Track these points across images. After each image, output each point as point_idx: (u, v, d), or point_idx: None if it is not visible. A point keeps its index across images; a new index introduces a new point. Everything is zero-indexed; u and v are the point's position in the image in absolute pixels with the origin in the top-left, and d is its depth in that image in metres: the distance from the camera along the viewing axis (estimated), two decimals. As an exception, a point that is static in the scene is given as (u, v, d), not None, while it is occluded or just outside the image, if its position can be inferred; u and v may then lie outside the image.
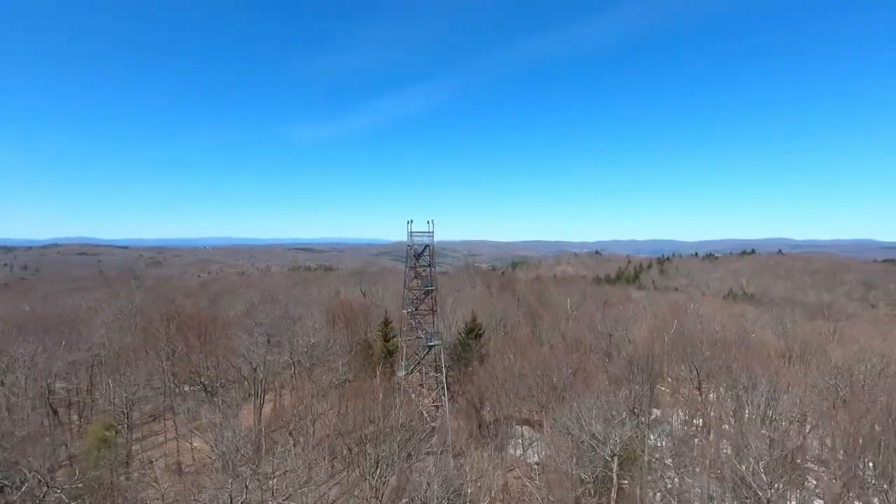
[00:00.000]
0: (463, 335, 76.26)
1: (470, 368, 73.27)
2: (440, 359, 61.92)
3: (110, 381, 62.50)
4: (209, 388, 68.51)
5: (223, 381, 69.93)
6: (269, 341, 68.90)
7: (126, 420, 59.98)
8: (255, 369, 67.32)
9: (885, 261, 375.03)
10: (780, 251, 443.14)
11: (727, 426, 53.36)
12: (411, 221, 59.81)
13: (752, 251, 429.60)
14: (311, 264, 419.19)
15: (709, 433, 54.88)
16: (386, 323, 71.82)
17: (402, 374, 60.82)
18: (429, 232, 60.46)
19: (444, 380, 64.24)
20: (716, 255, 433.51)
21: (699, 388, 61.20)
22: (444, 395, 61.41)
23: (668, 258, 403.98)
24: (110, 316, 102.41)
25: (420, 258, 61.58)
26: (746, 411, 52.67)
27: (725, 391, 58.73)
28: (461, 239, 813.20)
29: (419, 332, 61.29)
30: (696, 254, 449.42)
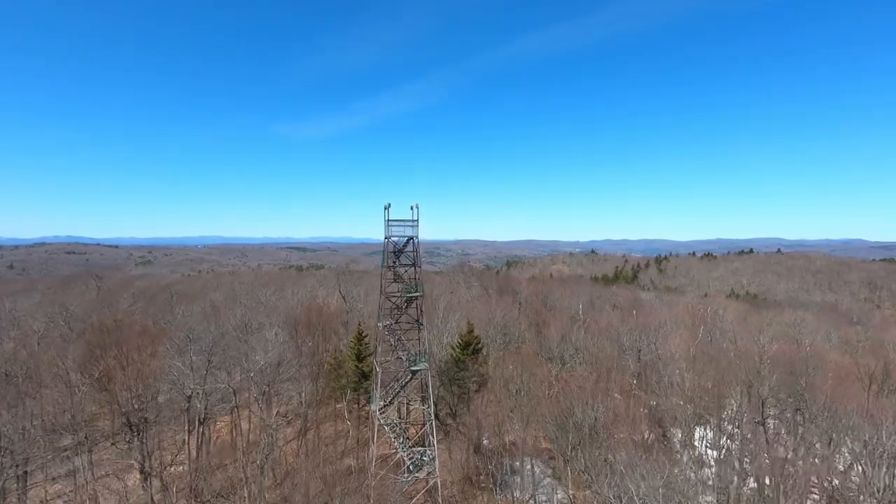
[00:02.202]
0: (457, 350, 61.68)
1: (466, 393, 58.77)
2: (428, 386, 47.26)
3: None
4: (133, 423, 53.27)
5: (153, 413, 54.68)
6: (209, 362, 53.74)
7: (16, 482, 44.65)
8: (189, 398, 52.25)
9: (883, 260, 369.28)
10: (779, 250, 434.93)
11: (818, 479, 39.18)
12: (389, 206, 45.02)
13: (751, 250, 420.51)
14: (303, 263, 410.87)
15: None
16: (359, 337, 56.97)
17: (375, 407, 46.06)
18: (412, 220, 45.70)
19: (433, 413, 49.54)
20: (714, 254, 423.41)
21: (763, 424, 47.19)
22: (433, 434, 46.72)
23: (665, 257, 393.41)
24: (42, 325, 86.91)
25: (401, 255, 46.83)
26: (840, 459, 38.75)
27: (804, 429, 44.77)
28: (454, 238, 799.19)
29: (400, 351, 46.56)
30: (694, 253, 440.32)
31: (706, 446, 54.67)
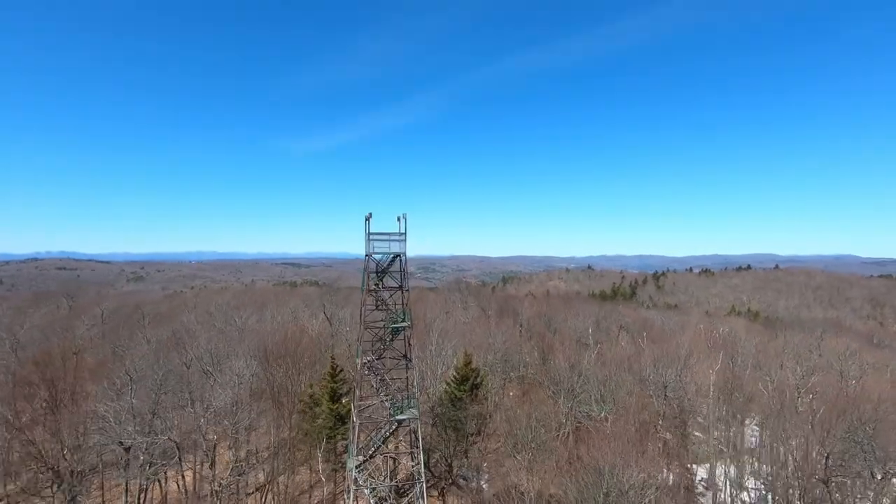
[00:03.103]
0: (453, 385, 52.81)
1: (464, 438, 49.73)
2: (418, 438, 38.34)
3: None
4: (62, 477, 43.79)
5: (86, 465, 45.24)
6: (156, 405, 44.55)
7: None
8: (127, 450, 42.95)
9: (881, 276, 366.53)
10: (776, 266, 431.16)
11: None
12: (370, 217, 36.63)
13: (749, 266, 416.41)
14: (298, 279, 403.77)
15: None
16: (333, 374, 47.95)
17: (352, 464, 37.06)
18: (399, 234, 37.33)
19: (425, 465, 40.53)
20: (711, 270, 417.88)
21: (827, 484, 38.33)
22: (423, 498, 37.64)
23: (663, 273, 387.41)
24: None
25: (384, 276, 38.32)
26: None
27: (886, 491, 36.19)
28: (449, 254, 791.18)
29: (383, 394, 37.75)
30: (691, 269, 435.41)
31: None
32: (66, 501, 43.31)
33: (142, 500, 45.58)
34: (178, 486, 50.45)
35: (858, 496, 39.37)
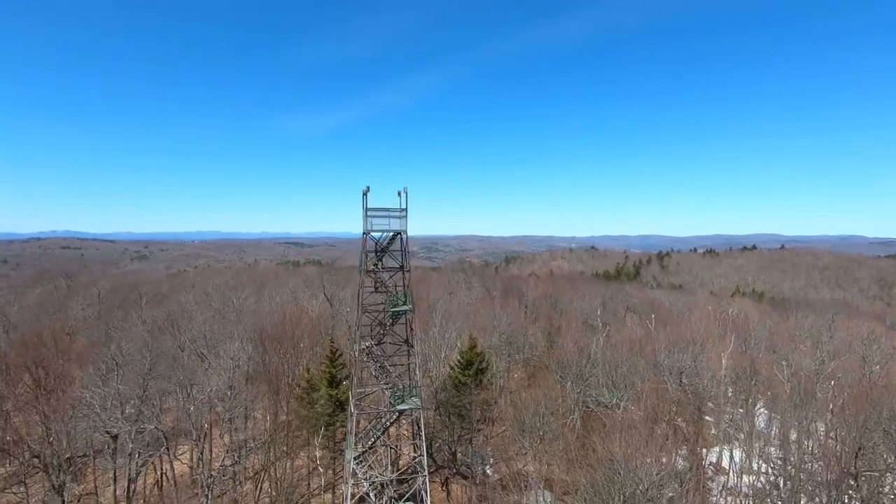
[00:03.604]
0: (457, 370, 50.43)
1: (469, 426, 47.49)
2: (420, 428, 35.98)
3: None
4: (47, 465, 41.79)
5: (71, 452, 43.27)
6: (144, 391, 42.26)
7: None
8: (114, 437, 40.85)
9: (888, 256, 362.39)
10: (782, 246, 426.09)
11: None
12: (367, 191, 33.55)
13: (754, 246, 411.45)
14: (301, 259, 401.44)
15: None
16: (332, 358, 45.55)
17: (350, 454, 34.81)
18: (399, 210, 34.29)
19: (428, 455, 38.34)
20: (715, 250, 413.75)
21: (856, 479, 36.09)
22: (426, 491, 35.48)
23: (667, 253, 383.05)
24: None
25: (384, 255, 35.44)
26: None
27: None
28: (453, 234, 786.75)
29: (383, 382, 35.27)
30: (695, 249, 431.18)
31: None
32: (52, 489, 41.47)
33: (134, 488, 43.70)
34: (171, 472, 48.63)
35: (886, 489, 37.15)
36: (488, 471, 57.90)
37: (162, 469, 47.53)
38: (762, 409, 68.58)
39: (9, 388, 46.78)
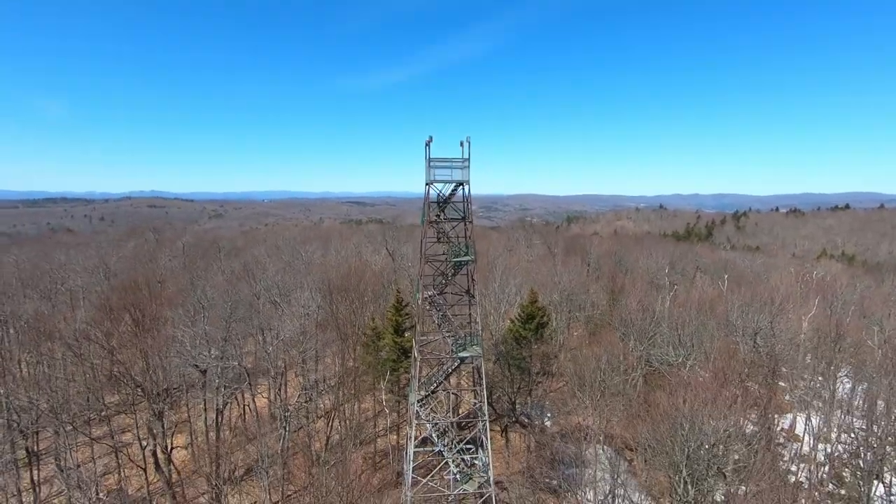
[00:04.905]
0: (518, 324, 50.79)
1: (528, 378, 48.10)
2: (481, 376, 36.88)
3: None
4: (148, 396, 47.13)
5: (168, 385, 48.35)
6: (227, 331, 46.07)
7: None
8: (203, 372, 45.14)
9: None
10: (882, 206, 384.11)
11: None
12: (430, 141, 33.44)
13: (847, 206, 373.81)
14: (363, 217, 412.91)
15: None
16: (398, 307, 47.26)
17: (414, 398, 36.45)
18: (462, 160, 34.01)
19: (488, 404, 39.42)
20: (801, 210, 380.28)
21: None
22: (486, 436, 36.70)
23: (744, 213, 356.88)
24: (79, 280, 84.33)
25: (447, 207, 35.59)
26: None
27: None
28: (512, 193, 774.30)
29: (445, 330, 36.20)
30: (777, 209, 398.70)
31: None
32: (153, 415, 46.86)
33: (221, 418, 48.53)
34: (253, 406, 53.41)
35: None
36: (547, 423, 58.92)
37: (244, 403, 52.26)
38: (844, 377, 64.24)
39: (113, 326, 52.59)
